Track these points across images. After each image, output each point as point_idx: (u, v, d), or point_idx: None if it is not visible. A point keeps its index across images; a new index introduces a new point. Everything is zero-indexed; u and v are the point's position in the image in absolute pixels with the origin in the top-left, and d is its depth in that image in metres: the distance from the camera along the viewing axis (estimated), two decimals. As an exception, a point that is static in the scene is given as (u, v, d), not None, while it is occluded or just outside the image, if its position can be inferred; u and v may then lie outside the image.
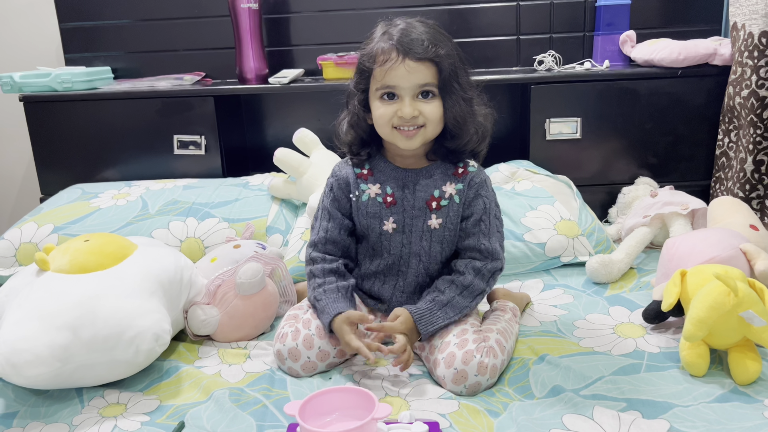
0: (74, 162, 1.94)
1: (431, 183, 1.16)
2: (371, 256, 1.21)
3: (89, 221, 1.60)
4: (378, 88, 1.10)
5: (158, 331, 1.11)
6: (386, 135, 1.13)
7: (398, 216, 1.16)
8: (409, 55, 1.07)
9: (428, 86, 1.09)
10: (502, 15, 2.00)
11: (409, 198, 1.16)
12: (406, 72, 1.07)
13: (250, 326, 1.28)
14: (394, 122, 1.10)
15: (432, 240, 1.17)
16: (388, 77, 1.08)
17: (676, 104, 1.81)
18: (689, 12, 1.97)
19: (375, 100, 1.12)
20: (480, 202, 1.16)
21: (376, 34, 1.12)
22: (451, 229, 1.17)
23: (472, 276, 1.16)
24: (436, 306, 1.14)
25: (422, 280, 1.20)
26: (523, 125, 1.92)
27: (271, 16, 2.04)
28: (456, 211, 1.16)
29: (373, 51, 1.11)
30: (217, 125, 1.88)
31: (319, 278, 1.18)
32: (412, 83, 1.08)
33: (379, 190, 1.17)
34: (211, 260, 1.41)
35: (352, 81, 1.17)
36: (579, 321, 1.30)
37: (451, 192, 1.16)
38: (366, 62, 1.12)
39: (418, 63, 1.07)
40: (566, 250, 1.54)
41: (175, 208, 1.63)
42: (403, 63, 1.07)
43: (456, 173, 1.17)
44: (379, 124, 1.12)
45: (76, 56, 2.12)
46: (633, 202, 1.77)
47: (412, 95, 1.09)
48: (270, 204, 1.66)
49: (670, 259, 1.28)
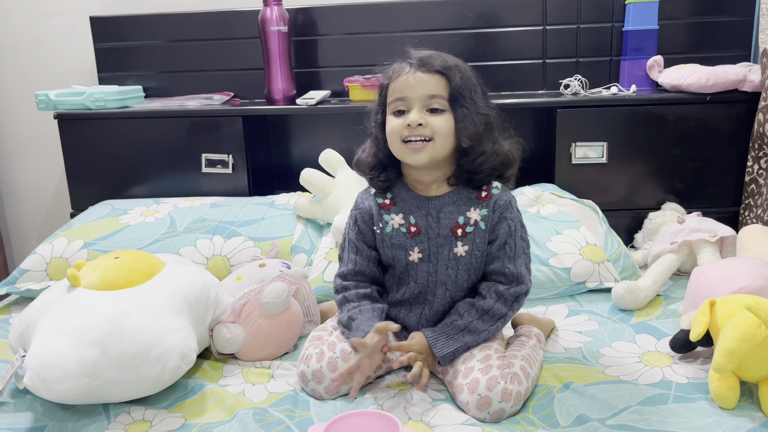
0: (105, 178, 1.98)
1: (455, 210, 1.15)
2: (397, 285, 1.21)
3: (118, 237, 1.63)
4: (390, 102, 1.12)
5: (185, 350, 1.12)
6: (397, 150, 1.13)
7: (423, 245, 1.16)
8: (419, 67, 1.10)
9: (437, 97, 1.10)
10: (529, 39, 2.01)
11: (434, 227, 1.16)
12: (415, 82, 1.10)
13: (274, 346, 1.29)
14: (403, 134, 1.10)
15: (459, 268, 1.17)
16: (398, 88, 1.11)
17: (704, 130, 1.79)
18: (717, 37, 1.96)
19: (389, 116, 1.14)
20: (505, 225, 1.16)
21: (391, 64, 1.16)
22: (477, 255, 1.16)
23: (493, 300, 1.15)
24: (453, 330, 1.14)
25: (448, 309, 1.19)
26: (549, 149, 1.92)
27: (299, 38, 2.07)
28: (482, 237, 1.15)
29: (389, 70, 1.14)
30: (244, 145, 1.91)
31: (353, 302, 1.19)
32: (420, 93, 1.09)
33: (403, 220, 1.17)
34: (237, 279, 1.42)
35: (373, 103, 1.19)
36: (604, 348, 1.28)
37: (476, 218, 1.15)
38: (383, 81, 1.15)
39: (428, 74, 1.10)
40: (592, 275, 1.53)
41: (203, 225, 1.65)
42: (413, 74, 1.10)
43: (479, 197, 1.16)
44: (391, 139, 1.13)
45: (109, 75, 2.17)
46: (660, 227, 1.75)
47: (421, 106, 1.10)
48: (295, 223, 1.67)
49: (699, 288, 1.27)
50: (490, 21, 2.01)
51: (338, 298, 1.22)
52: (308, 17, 2.06)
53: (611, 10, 1.96)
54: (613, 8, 1.96)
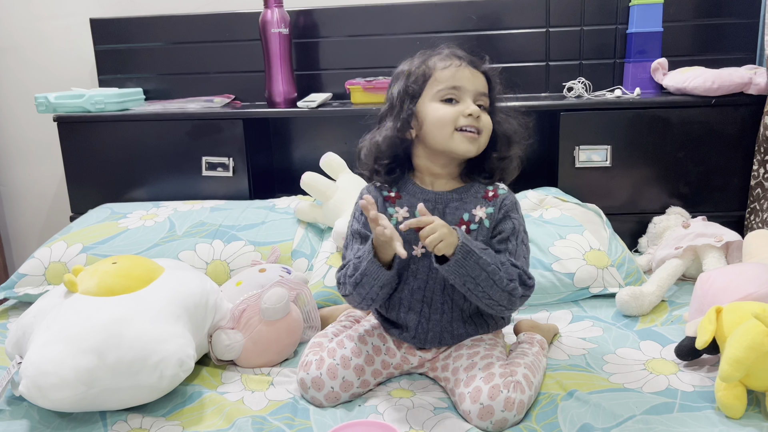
0: (105, 181, 1.97)
1: (461, 206, 1.14)
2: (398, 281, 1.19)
3: (117, 242, 1.62)
4: (440, 89, 1.10)
5: (183, 357, 1.10)
6: (445, 137, 1.09)
7: None
8: (470, 63, 1.12)
9: (484, 96, 1.13)
10: (532, 41, 1.99)
11: None
12: (471, 75, 1.11)
13: (273, 352, 1.27)
14: (459, 123, 1.09)
15: None
16: (455, 78, 1.10)
17: (709, 133, 1.77)
18: (722, 40, 1.94)
19: (433, 103, 1.11)
20: (509, 222, 1.13)
21: (418, 57, 1.15)
22: None
23: (506, 258, 1.09)
24: (475, 245, 1.05)
25: (447, 308, 1.17)
26: (552, 152, 1.90)
27: (300, 40, 2.06)
28: (485, 235, 1.13)
29: (428, 62, 1.13)
30: (245, 148, 1.89)
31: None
32: (476, 87, 1.11)
33: (407, 213, 1.15)
34: (237, 284, 1.41)
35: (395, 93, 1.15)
36: (609, 355, 1.27)
37: (482, 216, 1.13)
38: (420, 71, 1.12)
39: (477, 72, 1.12)
40: (595, 280, 1.51)
41: (202, 230, 1.64)
42: (467, 67, 1.11)
43: (486, 196, 1.15)
44: (441, 124, 1.09)
45: (109, 78, 2.16)
46: (664, 232, 1.73)
47: (473, 100, 1.11)
48: (296, 228, 1.66)
49: (705, 294, 1.25)
50: (492, 23, 1.99)
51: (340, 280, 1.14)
52: (309, 19, 2.04)
53: (615, 12, 1.95)
54: (616, 10, 1.94)
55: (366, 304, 1.13)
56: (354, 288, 1.11)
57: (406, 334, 1.19)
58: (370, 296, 1.10)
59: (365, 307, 1.15)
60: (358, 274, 1.09)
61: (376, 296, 1.11)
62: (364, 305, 1.14)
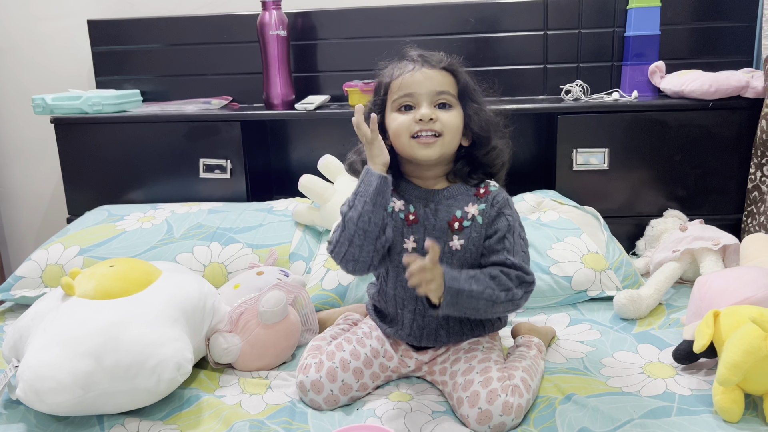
0: (102, 183, 1.96)
1: (453, 204, 1.13)
2: (389, 277, 1.17)
3: (114, 244, 1.61)
4: (395, 99, 1.10)
5: (180, 360, 1.10)
6: (404, 146, 1.09)
7: (419, 235, 1.13)
8: (425, 64, 1.09)
9: (445, 94, 1.09)
10: (529, 44, 1.99)
11: (431, 218, 1.13)
12: (423, 77, 1.08)
13: (271, 355, 1.27)
14: (413, 129, 1.08)
15: (453, 262, 1.13)
16: (404, 84, 1.09)
17: (707, 136, 1.78)
18: (720, 43, 1.95)
19: (392, 113, 1.11)
20: (503, 219, 1.13)
21: (392, 63, 1.14)
22: (472, 251, 1.13)
23: (498, 270, 1.08)
24: (462, 275, 1.04)
25: None
26: (549, 155, 1.90)
27: (298, 42, 2.05)
28: (479, 232, 1.12)
29: (391, 70, 1.12)
30: (243, 150, 1.89)
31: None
32: (429, 89, 1.08)
33: (403, 206, 1.14)
34: (234, 287, 1.41)
35: (368, 104, 1.16)
36: (606, 359, 1.27)
37: (474, 213, 1.13)
38: (383, 80, 1.13)
39: (434, 70, 1.09)
40: (593, 283, 1.51)
41: (200, 232, 1.63)
42: (420, 70, 1.09)
43: (478, 193, 1.14)
44: (397, 134, 1.09)
45: (106, 79, 2.15)
46: (661, 235, 1.74)
47: (429, 102, 1.09)
48: (294, 230, 1.66)
49: (702, 298, 1.25)
50: (490, 26, 1.99)
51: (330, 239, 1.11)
52: (307, 21, 2.04)
53: (613, 15, 1.95)
54: (614, 13, 1.95)
55: (358, 236, 1.05)
56: (344, 225, 1.06)
57: (401, 332, 1.18)
58: (363, 219, 1.04)
59: (355, 250, 1.06)
60: (350, 200, 1.07)
61: (369, 220, 1.04)
62: (356, 241, 1.05)
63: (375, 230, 1.06)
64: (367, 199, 1.05)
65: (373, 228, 1.06)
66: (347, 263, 1.09)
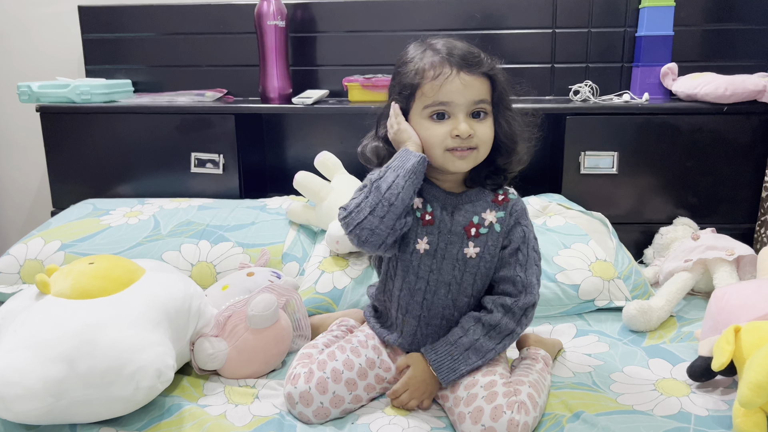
0: (88, 176, 1.89)
1: (471, 209, 1.07)
2: (399, 275, 1.10)
3: (98, 240, 1.54)
4: (428, 106, 1.01)
5: (161, 367, 1.02)
6: (438, 157, 1.02)
7: (433, 237, 1.07)
8: (463, 68, 0.99)
9: (482, 103, 1.01)
10: (537, 42, 1.94)
11: (447, 221, 1.07)
12: (462, 86, 0.99)
13: (260, 362, 1.20)
14: (448, 144, 1.01)
15: (465, 270, 1.07)
16: (442, 93, 1.00)
17: (720, 142, 1.72)
18: (734, 46, 1.89)
19: (422, 120, 1.03)
20: (519, 230, 1.08)
21: (414, 52, 1.05)
22: (488, 260, 1.07)
23: (500, 314, 1.06)
24: (457, 349, 1.05)
25: (449, 314, 1.10)
26: (556, 157, 1.84)
27: (297, 34, 1.99)
28: (495, 241, 1.07)
29: (418, 66, 1.02)
30: (236, 144, 1.82)
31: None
32: (468, 99, 1.00)
33: (421, 204, 1.08)
34: (223, 288, 1.33)
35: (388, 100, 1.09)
36: (616, 373, 1.19)
37: (492, 220, 1.07)
38: (409, 79, 1.03)
39: (474, 77, 1.00)
40: (601, 293, 1.44)
41: (189, 229, 1.56)
42: (458, 76, 0.99)
43: (496, 200, 1.09)
44: (431, 146, 1.02)
45: (97, 68, 2.08)
46: (671, 243, 1.67)
47: (466, 113, 1.01)
48: (287, 229, 1.58)
49: (720, 312, 1.18)
50: (497, 22, 1.93)
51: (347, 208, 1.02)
52: (307, 13, 1.97)
53: (624, 14, 1.89)
54: (626, 12, 1.89)
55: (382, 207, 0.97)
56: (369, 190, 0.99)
57: (402, 340, 1.12)
58: (392, 192, 0.97)
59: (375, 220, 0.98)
60: (382, 171, 1.00)
61: (398, 194, 0.97)
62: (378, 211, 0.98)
63: (400, 207, 0.99)
64: (400, 173, 0.99)
65: (399, 204, 0.98)
66: (361, 230, 0.99)
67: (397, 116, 1.04)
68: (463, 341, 1.05)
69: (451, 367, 1.04)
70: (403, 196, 0.99)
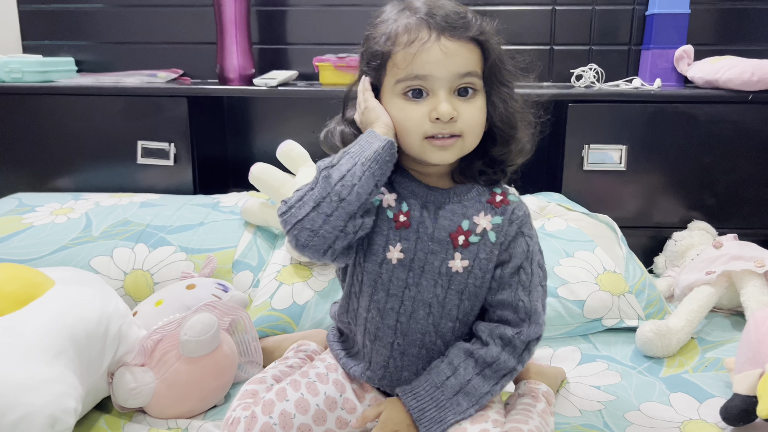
0: (19, 166, 1.67)
1: (460, 210, 0.85)
2: (363, 294, 0.89)
3: (16, 242, 1.30)
4: (400, 80, 0.80)
5: (56, 412, 0.80)
6: (415, 146, 0.81)
7: (409, 244, 0.85)
8: (445, 32, 0.78)
9: (470, 76, 0.80)
10: (535, 21, 1.77)
11: (428, 224, 0.85)
12: (443, 55, 0.78)
13: (195, 399, 0.97)
14: (426, 130, 0.79)
15: (450, 287, 0.85)
16: (417, 63, 0.78)
17: (743, 135, 1.55)
18: (755, 27, 1.72)
19: (394, 98, 0.81)
20: (522, 242, 0.86)
21: (390, 12, 0.83)
22: (478, 276, 0.85)
23: (498, 349, 0.84)
24: (444, 394, 0.83)
25: (429, 341, 0.88)
26: (556, 151, 1.65)
27: (263, 8, 1.80)
28: (489, 253, 0.85)
29: (390, 29, 0.80)
30: (189, 132, 1.61)
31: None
32: (450, 71, 0.78)
33: (394, 202, 0.86)
34: (156, 303, 1.10)
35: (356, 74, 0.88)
36: (632, 413, 0.99)
37: (485, 226, 0.85)
38: (379, 46, 0.81)
39: (458, 43, 0.78)
40: (610, 310, 1.23)
41: (125, 230, 1.32)
42: (437, 42, 0.78)
43: (493, 201, 0.87)
44: (405, 131, 0.81)
45: (36, 44, 1.88)
46: (686, 251, 1.48)
47: (449, 89, 0.79)
48: (242, 231, 1.35)
49: (761, 341, 0.97)
50: (490, -2, 1.75)
51: (288, 201, 0.81)
52: (274, -16, 1.77)
53: (633, -10, 1.71)
54: (635, -13, 1.71)
55: (330, 202, 0.77)
56: (315, 182, 0.79)
57: (370, 373, 0.90)
58: (345, 183, 0.77)
59: (318, 218, 0.78)
60: (337, 157, 0.81)
61: (352, 187, 0.77)
62: (324, 207, 0.78)
63: (355, 204, 0.77)
64: (359, 161, 0.78)
65: (353, 199, 0.77)
66: (301, 231, 0.78)
67: (365, 92, 0.83)
68: (451, 383, 0.83)
69: (436, 416, 0.82)
70: (359, 189, 0.77)
